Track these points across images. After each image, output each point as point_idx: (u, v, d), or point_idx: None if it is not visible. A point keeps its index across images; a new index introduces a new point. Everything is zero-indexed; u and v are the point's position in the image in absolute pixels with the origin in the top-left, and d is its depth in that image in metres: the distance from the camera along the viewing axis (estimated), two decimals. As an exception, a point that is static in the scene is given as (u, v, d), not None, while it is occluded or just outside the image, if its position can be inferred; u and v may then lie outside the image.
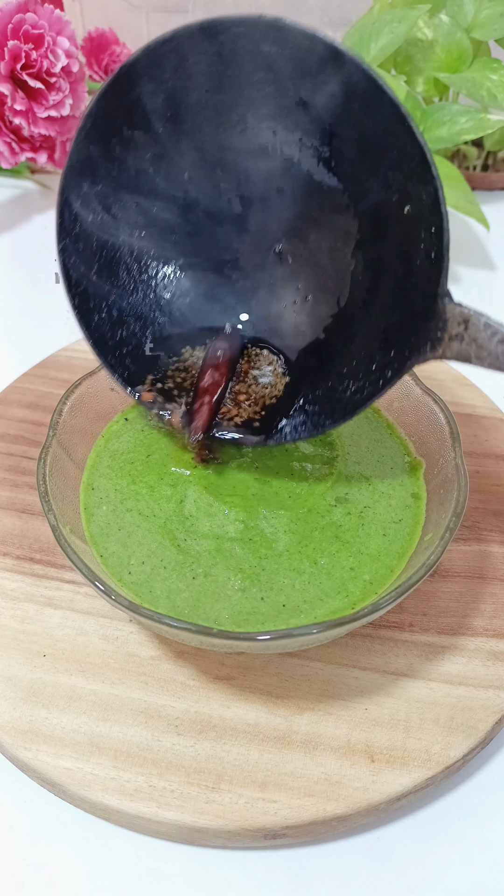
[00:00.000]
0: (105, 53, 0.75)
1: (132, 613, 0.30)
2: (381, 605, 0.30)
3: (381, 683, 0.35)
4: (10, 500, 0.42)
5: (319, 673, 0.35)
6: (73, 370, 0.51)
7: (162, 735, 0.33)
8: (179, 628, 0.29)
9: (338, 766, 0.32)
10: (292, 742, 0.33)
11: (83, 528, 0.36)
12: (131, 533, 0.36)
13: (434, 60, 0.66)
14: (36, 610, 0.37)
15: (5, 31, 0.59)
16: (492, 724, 0.33)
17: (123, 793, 0.31)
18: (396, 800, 0.31)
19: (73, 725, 0.33)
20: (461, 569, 0.39)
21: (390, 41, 0.61)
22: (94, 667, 0.35)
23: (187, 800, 0.31)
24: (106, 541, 0.36)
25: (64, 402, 0.38)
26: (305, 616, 0.33)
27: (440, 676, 0.35)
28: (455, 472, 0.35)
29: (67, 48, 0.61)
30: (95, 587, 0.31)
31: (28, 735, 0.33)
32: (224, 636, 0.29)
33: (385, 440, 0.41)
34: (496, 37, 0.64)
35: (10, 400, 0.49)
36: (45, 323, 0.59)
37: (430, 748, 0.32)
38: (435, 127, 0.64)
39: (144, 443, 0.40)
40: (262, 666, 0.35)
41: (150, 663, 0.35)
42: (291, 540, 0.36)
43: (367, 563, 0.35)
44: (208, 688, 0.34)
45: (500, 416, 0.48)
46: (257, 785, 0.31)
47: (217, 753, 0.32)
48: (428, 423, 0.39)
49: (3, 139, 0.62)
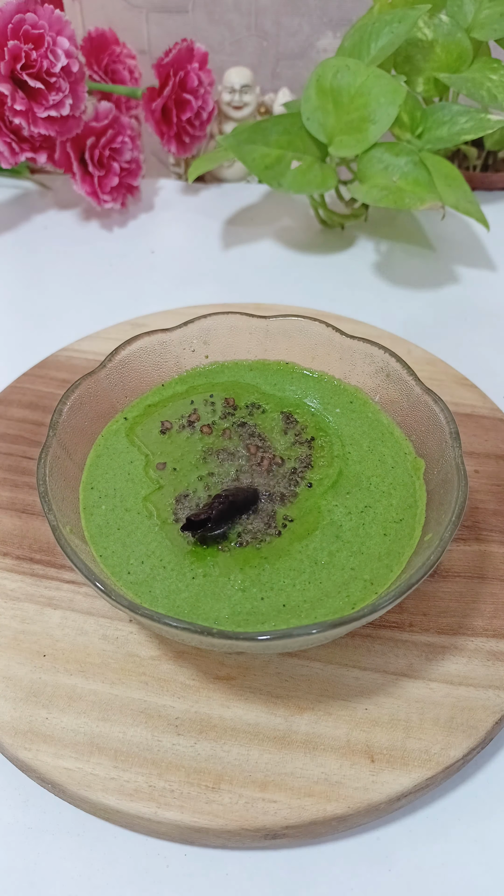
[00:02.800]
0: (105, 53, 0.75)
1: (132, 613, 0.30)
2: (381, 605, 0.30)
3: (381, 683, 0.35)
4: (10, 500, 0.42)
5: (319, 673, 0.35)
6: (73, 370, 0.51)
7: (162, 735, 0.33)
8: (179, 628, 0.29)
9: (338, 766, 0.32)
10: (292, 742, 0.33)
11: (83, 527, 0.36)
12: (131, 532, 0.36)
13: (434, 60, 0.66)
14: (36, 610, 0.37)
15: (5, 31, 0.59)
16: (492, 724, 0.33)
17: (123, 793, 0.31)
18: (396, 800, 0.31)
19: (73, 725, 0.33)
20: (461, 569, 0.39)
21: (390, 41, 0.61)
22: (94, 667, 0.35)
23: (187, 800, 0.31)
24: (105, 540, 0.36)
25: (64, 402, 0.38)
26: (306, 616, 0.33)
27: (440, 676, 0.35)
28: (455, 472, 0.35)
29: (67, 48, 0.61)
30: (95, 587, 0.30)
31: (28, 735, 0.33)
32: (224, 636, 0.29)
33: (385, 440, 0.41)
34: (496, 37, 0.64)
35: (9, 400, 0.49)
36: (45, 323, 0.59)
37: (430, 748, 0.32)
38: (435, 127, 0.64)
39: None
40: (262, 666, 0.35)
41: (150, 663, 0.35)
42: (292, 539, 0.36)
43: (368, 562, 0.35)
44: (208, 688, 0.34)
45: (500, 416, 0.48)
46: (257, 785, 0.31)
47: (217, 753, 0.32)
48: (428, 423, 0.39)
49: (3, 139, 0.62)
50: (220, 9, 0.81)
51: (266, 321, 0.44)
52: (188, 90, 0.71)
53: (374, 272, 0.67)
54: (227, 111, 0.78)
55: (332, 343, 0.43)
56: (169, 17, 0.82)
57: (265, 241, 0.71)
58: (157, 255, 0.69)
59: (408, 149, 0.60)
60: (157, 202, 0.76)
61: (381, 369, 0.41)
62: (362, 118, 0.59)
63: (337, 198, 0.71)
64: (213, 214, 0.74)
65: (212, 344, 0.44)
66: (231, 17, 0.81)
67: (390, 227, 0.73)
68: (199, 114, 0.73)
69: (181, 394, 0.43)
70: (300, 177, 0.61)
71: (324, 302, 0.61)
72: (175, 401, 0.43)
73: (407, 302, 0.63)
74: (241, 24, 0.81)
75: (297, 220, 0.74)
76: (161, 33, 0.82)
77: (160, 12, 0.81)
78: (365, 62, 0.61)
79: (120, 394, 0.42)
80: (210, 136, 0.79)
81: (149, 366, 0.43)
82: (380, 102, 0.59)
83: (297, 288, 0.64)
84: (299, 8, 0.80)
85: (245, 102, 0.77)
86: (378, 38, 0.62)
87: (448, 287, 0.65)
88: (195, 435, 0.41)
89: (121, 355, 0.41)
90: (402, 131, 0.64)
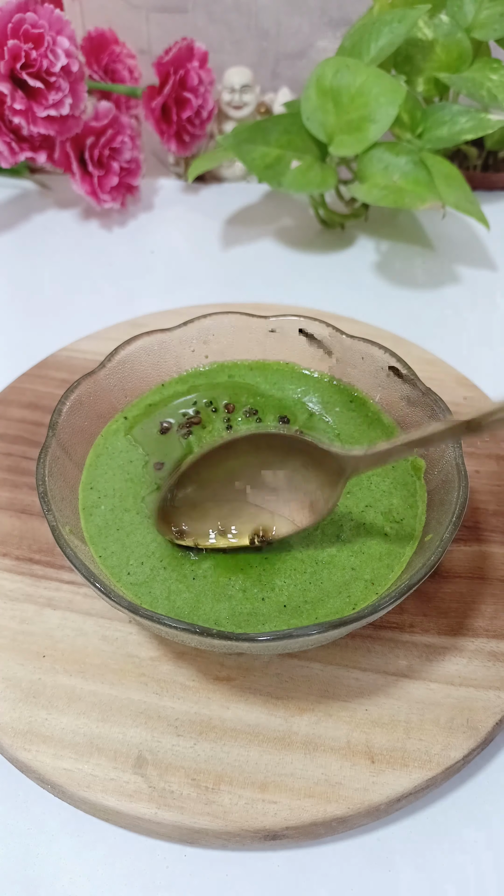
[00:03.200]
0: (105, 53, 0.75)
1: (132, 614, 0.30)
2: (382, 605, 0.30)
3: (381, 684, 0.35)
4: (9, 501, 0.42)
5: (319, 674, 0.35)
6: (72, 370, 0.51)
7: (162, 736, 0.33)
8: (179, 629, 0.29)
9: (338, 767, 0.32)
10: (292, 743, 0.33)
11: (82, 528, 0.36)
12: (130, 533, 0.36)
13: (434, 60, 0.66)
14: (35, 610, 0.37)
15: (5, 30, 0.59)
16: (492, 724, 0.33)
17: (123, 794, 0.31)
18: (397, 801, 0.31)
19: (72, 726, 0.33)
20: (462, 569, 0.39)
21: (390, 41, 0.61)
22: (94, 668, 0.35)
23: (187, 801, 0.31)
24: (105, 541, 0.36)
25: (63, 402, 0.38)
26: (307, 616, 0.33)
27: (440, 677, 0.35)
28: (455, 473, 0.35)
29: (67, 48, 0.61)
30: (95, 588, 0.30)
31: (28, 736, 0.32)
32: (223, 637, 0.29)
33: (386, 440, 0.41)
34: (496, 37, 0.64)
35: (9, 400, 0.49)
36: (45, 323, 0.59)
37: (430, 749, 0.32)
38: (435, 127, 0.64)
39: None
40: (263, 667, 0.35)
41: (149, 664, 0.35)
42: (292, 539, 0.36)
43: (368, 563, 0.35)
44: (208, 689, 0.34)
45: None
46: (257, 786, 0.31)
47: (217, 754, 0.32)
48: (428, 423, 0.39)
49: (3, 139, 0.62)
50: (220, 8, 0.80)
51: (266, 321, 0.44)
52: (188, 89, 0.71)
53: (374, 272, 0.67)
54: (227, 111, 0.78)
55: (332, 343, 0.43)
56: (169, 16, 0.81)
57: (265, 241, 0.70)
58: (156, 254, 0.69)
59: (408, 148, 0.60)
60: (157, 202, 0.76)
61: (381, 369, 0.41)
62: (362, 118, 0.59)
63: (337, 197, 0.71)
64: (213, 214, 0.74)
65: (212, 344, 0.44)
66: (231, 16, 0.81)
67: (390, 227, 0.73)
68: (199, 112, 0.73)
69: (181, 393, 0.43)
70: (300, 176, 0.61)
71: (324, 302, 0.61)
72: (175, 400, 0.43)
73: (407, 302, 0.63)
74: (240, 23, 0.81)
75: (297, 219, 0.74)
76: (161, 33, 0.82)
77: (160, 12, 0.81)
78: (365, 62, 0.61)
79: (119, 394, 0.42)
80: (210, 136, 0.79)
81: (148, 366, 0.43)
82: (380, 102, 0.59)
83: (297, 288, 0.64)
84: (299, 8, 0.80)
85: (245, 102, 0.77)
86: (378, 38, 0.62)
87: (448, 287, 0.64)
88: (194, 435, 0.41)
89: (120, 355, 0.41)
90: (402, 131, 0.64)
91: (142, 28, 0.82)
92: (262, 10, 0.80)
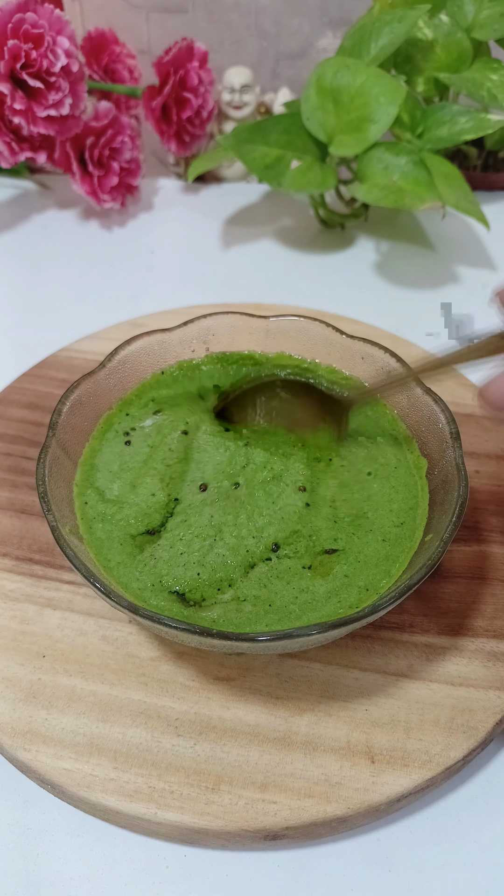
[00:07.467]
0: (105, 53, 0.75)
1: (132, 614, 0.30)
2: (382, 605, 0.30)
3: (381, 684, 0.35)
4: (9, 501, 0.42)
5: (319, 674, 0.35)
6: (72, 370, 0.51)
7: (162, 736, 0.33)
8: (179, 629, 0.29)
9: (338, 767, 0.32)
10: (292, 743, 0.33)
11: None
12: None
13: (434, 60, 0.66)
14: (35, 611, 0.37)
15: (5, 30, 0.59)
16: (492, 724, 0.33)
17: (123, 794, 0.31)
18: (396, 801, 0.31)
19: (72, 726, 0.33)
20: (462, 569, 0.39)
21: (390, 41, 0.61)
22: (94, 668, 0.35)
23: (187, 801, 0.31)
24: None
25: (63, 402, 0.38)
26: (307, 617, 0.33)
27: (440, 677, 0.35)
28: (455, 473, 0.35)
29: (67, 48, 0.61)
30: (95, 588, 0.30)
31: (28, 736, 0.32)
32: (224, 637, 0.29)
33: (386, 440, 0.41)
34: (496, 37, 0.64)
35: (9, 400, 0.49)
36: (45, 323, 0.59)
37: (430, 749, 0.32)
38: (435, 127, 0.64)
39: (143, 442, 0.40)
40: (262, 667, 0.35)
41: (149, 664, 0.35)
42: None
43: (369, 563, 0.35)
44: (208, 689, 0.34)
45: (500, 417, 0.48)
46: (257, 786, 0.31)
47: (217, 754, 0.32)
48: (428, 424, 0.39)
49: (3, 139, 0.62)
50: (220, 9, 0.80)
51: (266, 321, 0.44)
52: (188, 88, 0.71)
53: (374, 272, 0.67)
54: (227, 111, 0.78)
55: (332, 343, 0.43)
56: (169, 16, 0.81)
57: (265, 241, 0.70)
58: (156, 254, 0.69)
59: (408, 148, 0.60)
60: (157, 202, 0.76)
61: (381, 369, 0.41)
62: (362, 118, 0.59)
63: (337, 198, 0.71)
64: (213, 214, 0.74)
65: (212, 344, 0.44)
66: (231, 16, 0.81)
67: (390, 227, 0.73)
68: (199, 112, 0.73)
69: (181, 393, 0.43)
70: (300, 176, 0.61)
71: (324, 302, 0.60)
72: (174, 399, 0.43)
73: (407, 302, 0.63)
74: (241, 23, 0.81)
75: (297, 219, 0.74)
76: (161, 33, 0.82)
77: (160, 12, 0.81)
78: (365, 62, 0.61)
79: (119, 394, 0.42)
80: (210, 136, 0.79)
81: (148, 366, 0.43)
82: (380, 102, 0.59)
83: (297, 288, 0.64)
84: (299, 8, 0.80)
85: (245, 102, 0.77)
86: (378, 38, 0.62)
87: (448, 287, 0.64)
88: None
89: (120, 355, 0.41)
90: (402, 131, 0.64)
91: (142, 28, 0.82)
92: (262, 10, 0.81)
